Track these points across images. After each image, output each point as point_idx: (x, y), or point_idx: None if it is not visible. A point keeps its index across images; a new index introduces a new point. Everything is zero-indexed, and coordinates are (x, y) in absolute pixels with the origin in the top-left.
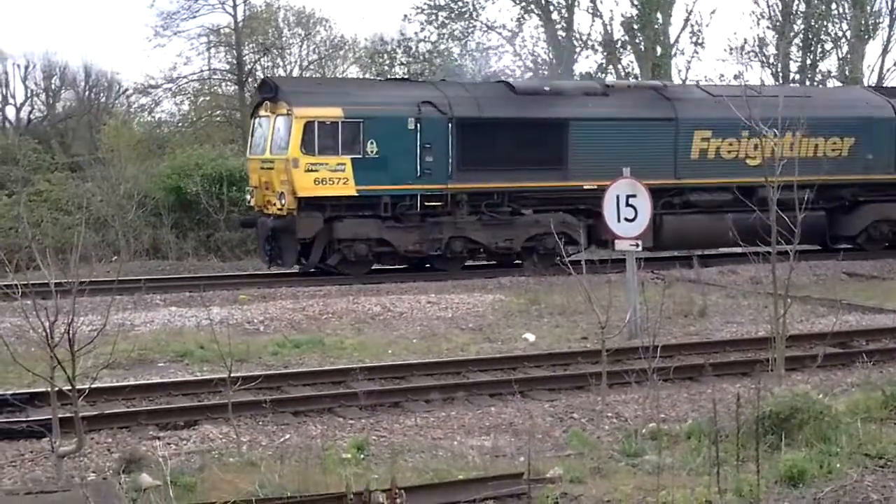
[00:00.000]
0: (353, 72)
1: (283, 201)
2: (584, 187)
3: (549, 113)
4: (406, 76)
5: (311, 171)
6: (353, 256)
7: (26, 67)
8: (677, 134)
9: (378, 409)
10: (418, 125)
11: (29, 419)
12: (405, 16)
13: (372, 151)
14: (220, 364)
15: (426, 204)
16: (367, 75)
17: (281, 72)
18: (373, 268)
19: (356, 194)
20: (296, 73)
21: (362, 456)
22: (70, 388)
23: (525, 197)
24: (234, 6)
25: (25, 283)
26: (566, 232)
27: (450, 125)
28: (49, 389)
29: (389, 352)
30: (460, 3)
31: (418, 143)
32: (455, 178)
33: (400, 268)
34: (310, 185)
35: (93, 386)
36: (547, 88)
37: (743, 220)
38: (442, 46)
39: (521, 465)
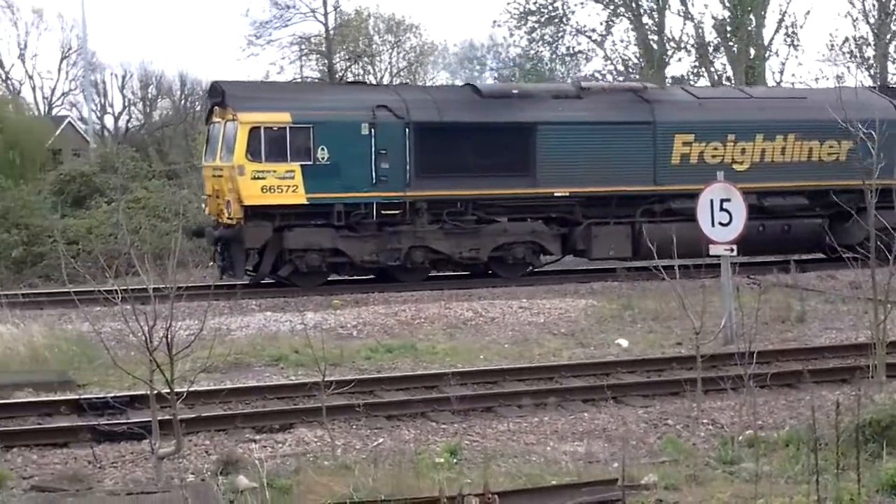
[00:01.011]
0: (444, 78)
1: (229, 210)
2: (555, 194)
3: (515, 117)
4: (363, 80)
5: (258, 178)
6: (305, 267)
7: (124, 77)
8: (656, 138)
9: (470, 413)
10: (373, 130)
11: (129, 421)
12: (495, 21)
13: (323, 158)
14: (315, 368)
15: (383, 212)
16: (456, 81)
17: (372, 79)
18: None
19: (306, 202)
20: (386, 79)
21: (455, 460)
22: (169, 391)
23: (491, 205)
24: (326, 14)
25: (125, 288)
26: (537, 241)
27: (407, 130)
28: (148, 392)
29: (481, 357)
30: (550, 8)
31: (373, 149)
32: (413, 186)
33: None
34: (256, 193)
35: (191, 389)
36: (515, 91)
37: None
38: (532, 51)
39: (614, 472)
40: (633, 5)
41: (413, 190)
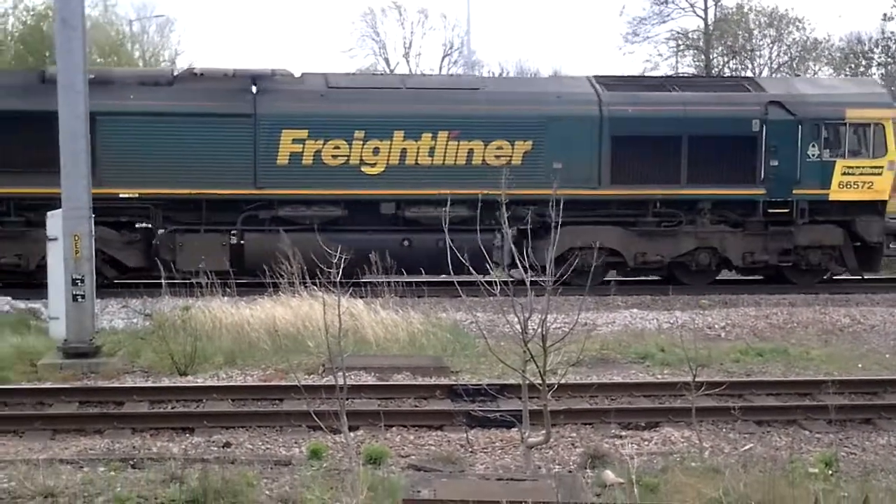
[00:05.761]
0: (827, 73)
1: None
2: (121, 196)
3: None
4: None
5: None
6: None
7: (500, 75)
8: (257, 133)
9: (847, 424)
10: None
11: (500, 409)
12: (885, 14)
13: None
14: (680, 368)
15: None
16: (840, 76)
17: (749, 73)
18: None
19: None
20: (765, 73)
21: (831, 472)
22: (540, 382)
23: (45, 206)
24: (705, 9)
25: (504, 280)
26: (102, 250)
27: None
28: (520, 382)
29: (859, 365)
30: None
31: None
32: None
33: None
34: None
35: (560, 381)
36: (91, 76)
37: (364, 240)
38: None
39: None
40: None
41: None
